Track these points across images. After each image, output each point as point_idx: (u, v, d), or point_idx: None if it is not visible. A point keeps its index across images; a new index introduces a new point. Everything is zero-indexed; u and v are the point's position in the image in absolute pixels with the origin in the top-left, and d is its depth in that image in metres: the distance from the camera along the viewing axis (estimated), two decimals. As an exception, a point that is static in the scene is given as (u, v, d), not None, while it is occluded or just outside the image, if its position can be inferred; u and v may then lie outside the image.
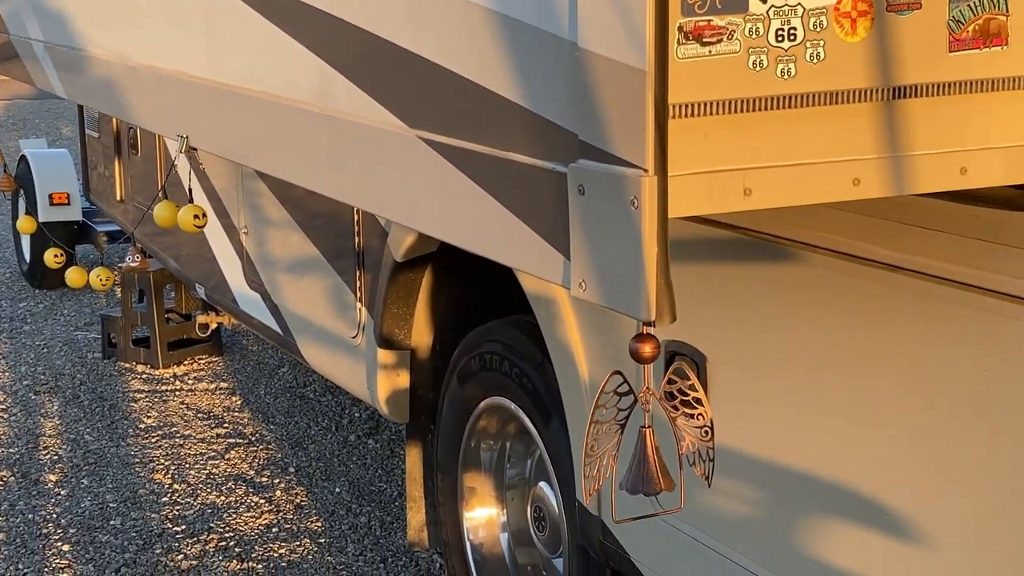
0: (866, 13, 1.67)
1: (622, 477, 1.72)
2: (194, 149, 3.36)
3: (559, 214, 1.74)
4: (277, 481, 5.36)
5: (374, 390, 4.09)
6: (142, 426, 6.01)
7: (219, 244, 5.29)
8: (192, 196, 3.77)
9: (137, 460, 5.60)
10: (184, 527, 4.93)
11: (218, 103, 3.09)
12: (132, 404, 6.32)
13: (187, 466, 5.52)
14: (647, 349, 1.65)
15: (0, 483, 5.36)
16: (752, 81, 1.62)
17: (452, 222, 2.11)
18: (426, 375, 4.07)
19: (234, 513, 5.06)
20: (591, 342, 3.04)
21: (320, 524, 4.95)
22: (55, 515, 5.07)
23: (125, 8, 3.73)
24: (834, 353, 2.34)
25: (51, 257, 5.09)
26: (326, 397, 6.37)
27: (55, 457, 5.66)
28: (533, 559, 3.84)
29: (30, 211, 8.06)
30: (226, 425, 6.02)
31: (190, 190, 3.76)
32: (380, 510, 5.07)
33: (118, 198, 6.73)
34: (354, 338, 4.20)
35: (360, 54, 2.33)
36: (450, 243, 2.15)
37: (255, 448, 5.73)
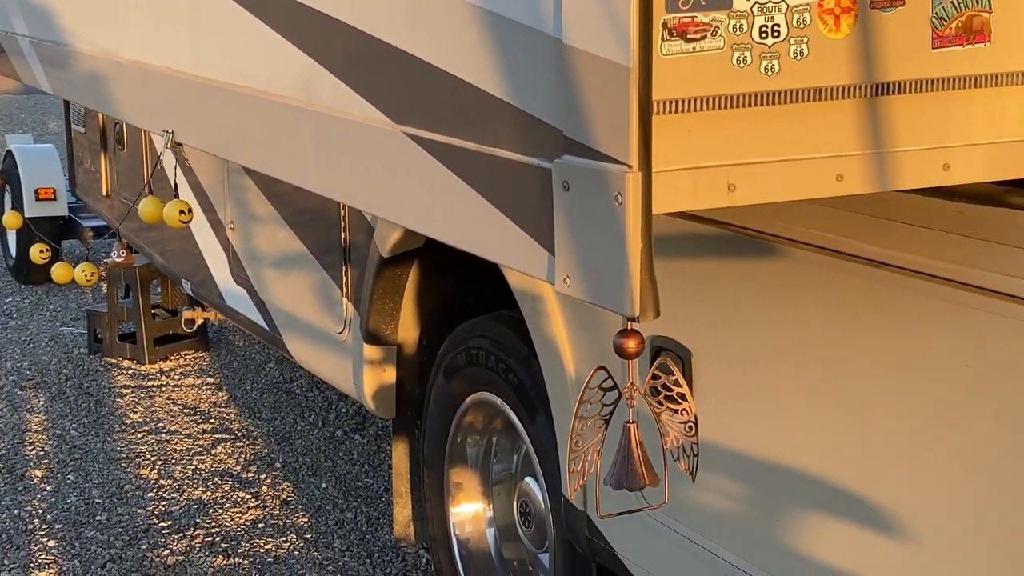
0: (849, 10, 1.67)
1: (606, 472, 1.73)
2: (180, 144, 3.35)
3: (544, 210, 1.75)
4: (263, 477, 5.36)
5: (360, 385, 4.09)
6: (128, 422, 6.00)
7: (205, 239, 5.28)
8: (178, 191, 3.76)
9: (123, 456, 5.59)
10: (170, 523, 4.93)
11: (204, 98, 3.09)
12: (118, 400, 6.31)
13: (173, 462, 5.52)
14: (631, 345, 1.66)
15: (-14, 479, 5.36)
16: (736, 77, 1.62)
17: (437, 218, 2.11)
18: (412, 370, 4.07)
19: (220, 509, 5.05)
20: (577, 337, 3.04)
21: (306, 520, 4.95)
22: (41, 511, 5.06)
23: (111, 3, 3.72)
24: (818, 348, 2.34)
25: (37, 252, 5.07)
26: (312, 393, 6.37)
27: (41, 453, 5.65)
28: (519, 554, 3.84)
29: (16, 206, 8.04)
30: (212, 421, 6.01)
31: (176, 185, 3.74)
32: (366, 505, 5.07)
33: (104, 193, 6.72)
34: (340, 333, 4.20)
35: (346, 50, 2.33)
36: (436, 239, 2.16)
37: (241, 444, 5.73)
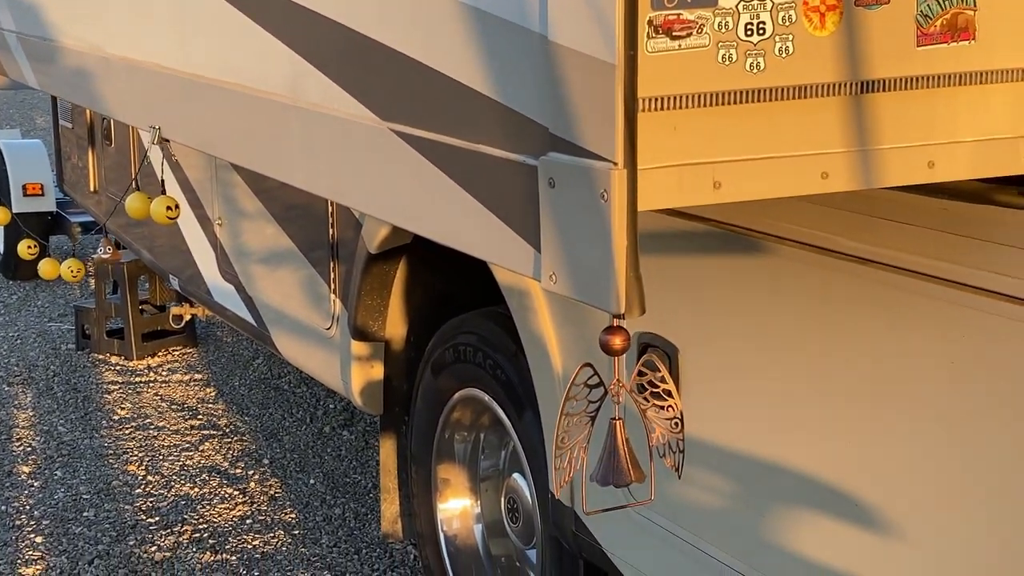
0: (835, 7, 1.68)
1: (593, 469, 1.73)
2: (167, 140, 3.35)
3: (530, 207, 1.75)
4: (251, 473, 5.35)
5: (348, 381, 4.09)
6: (116, 417, 5.99)
7: (193, 235, 5.28)
8: (165, 187, 3.75)
9: (111, 452, 5.59)
10: (158, 519, 4.92)
11: (190, 94, 3.09)
12: (106, 395, 6.30)
13: (161, 458, 5.51)
14: (617, 341, 1.66)
15: (-27, 475, 5.35)
16: (721, 75, 1.63)
17: (424, 214, 2.11)
18: (400, 367, 4.07)
19: (208, 505, 5.05)
20: (564, 334, 3.05)
21: (294, 516, 4.95)
22: (28, 507, 5.05)
23: (98, -1, 3.72)
24: (805, 345, 2.35)
25: (25, 248, 5.06)
26: (300, 388, 6.37)
27: (28, 448, 5.64)
28: (507, 550, 3.84)
29: (3, 202, 8.01)
30: (200, 417, 6.01)
31: (163, 181, 3.74)
32: (354, 501, 5.07)
33: (92, 189, 6.71)
34: (328, 329, 4.20)
35: (333, 47, 2.33)
36: (422, 235, 2.16)
37: (229, 440, 5.72)
